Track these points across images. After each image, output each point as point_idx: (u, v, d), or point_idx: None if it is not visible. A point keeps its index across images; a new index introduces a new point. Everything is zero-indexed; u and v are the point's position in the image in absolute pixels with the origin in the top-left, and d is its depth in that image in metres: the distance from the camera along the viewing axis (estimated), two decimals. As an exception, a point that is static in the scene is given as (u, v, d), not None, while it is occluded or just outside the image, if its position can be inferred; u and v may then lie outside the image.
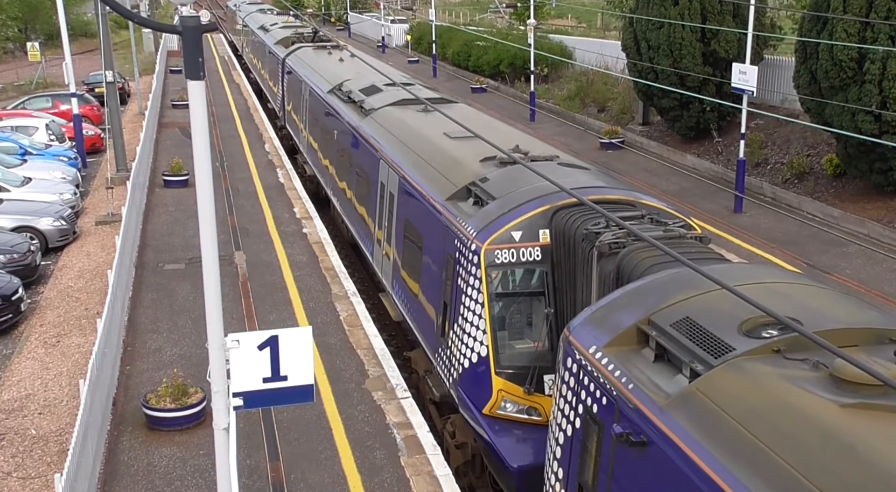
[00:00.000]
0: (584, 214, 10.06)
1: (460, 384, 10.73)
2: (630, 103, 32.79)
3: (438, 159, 13.45)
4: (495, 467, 10.36)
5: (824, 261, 18.55)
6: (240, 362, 6.11)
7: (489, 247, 10.38)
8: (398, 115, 16.76)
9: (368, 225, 16.34)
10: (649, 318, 7.19)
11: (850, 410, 5.39)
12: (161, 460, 10.99)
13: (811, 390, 5.65)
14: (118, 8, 6.27)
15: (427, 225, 12.54)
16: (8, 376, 13.88)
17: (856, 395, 5.53)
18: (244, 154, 28.44)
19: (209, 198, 5.88)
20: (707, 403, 6.03)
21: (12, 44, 59.74)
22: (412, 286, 13.16)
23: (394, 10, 71.63)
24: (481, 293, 10.38)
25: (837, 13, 20.23)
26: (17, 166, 24.39)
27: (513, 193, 10.99)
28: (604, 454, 6.98)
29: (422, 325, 12.60)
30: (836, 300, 7.26)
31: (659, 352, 6.93)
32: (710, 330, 6.63)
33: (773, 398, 5.73)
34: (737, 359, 6.22)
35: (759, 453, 5.40)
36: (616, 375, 6.88)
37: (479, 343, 10.37)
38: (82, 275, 18.38)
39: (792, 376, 5.88)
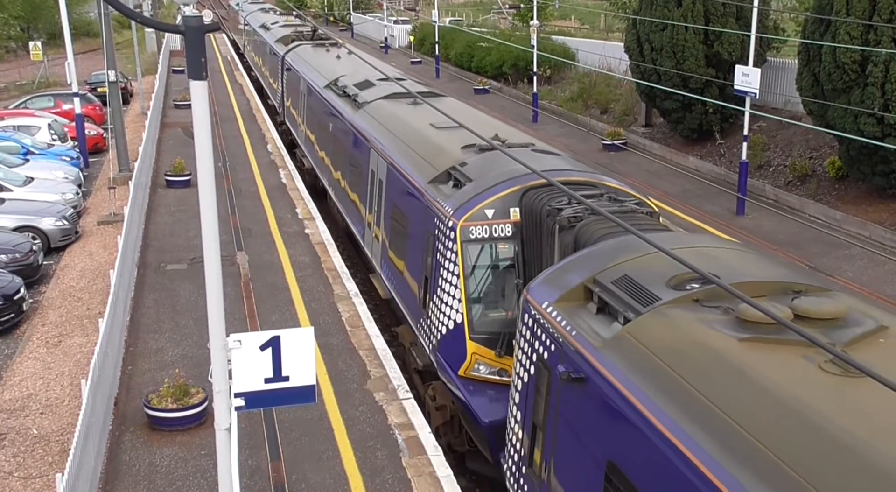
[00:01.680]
0: (550, 193, 11.03)
1: (439, 350, 11.71)
2: (633, 105, 32.79)
3: (423, 147, 14.43)
4: (470, 423, 11.36)
5: (826, 263, 18.53)
6: (242, 363, 6.11)
7: (464, 223, 11.39)
8: (389, 107, 17.65)
9: (360, 210, 17.27)
10: (594, 277, 8.28)
11: (746, 343, 6.56)
12: (162, 461, 10.98)
13: (718, 329, 6.80)
14: (121, 7, 6.26)
15: (411, 207, 13.51)
16: (10, 376, 13.88)
17: (753, 331, 6.63)
18: (246, 154, 28.45)
19: (211, 198, 5.88)
20: (635, 343, 7.13)
21: (15, 43, 59.79)
22: (398, 264, 14.17)
23: (397, 11, 71.67)
24: (457, 266, 11.38)
25: (840, 15, 20.21)
26: (19, 166, 24.40)
27: (488, 175, 11.99)
28: (552, 394, 8.06)
29: (406, 299, 13.59)
30: (755, 260, 8.51)
31: (601, 305, 8.02)
32: (643, 285, 7.73)
33: (688, 336, 6.88)
34: (662, 307, 7.32)
35: (673, 381, 6.49)
36: (563, 324, 7.99)
37: (455, 311, 11.36)
38: (84, 275, 18.38)
39: (705, 319, 7.02)
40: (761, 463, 5.34)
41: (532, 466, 8.47)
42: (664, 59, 26.87)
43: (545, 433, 8.18)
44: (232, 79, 46.66)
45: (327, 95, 21.98)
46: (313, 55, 28.45)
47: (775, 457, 5.32)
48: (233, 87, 43.82)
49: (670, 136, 29.70)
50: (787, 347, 6.39)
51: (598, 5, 58.20)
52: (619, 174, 24.81)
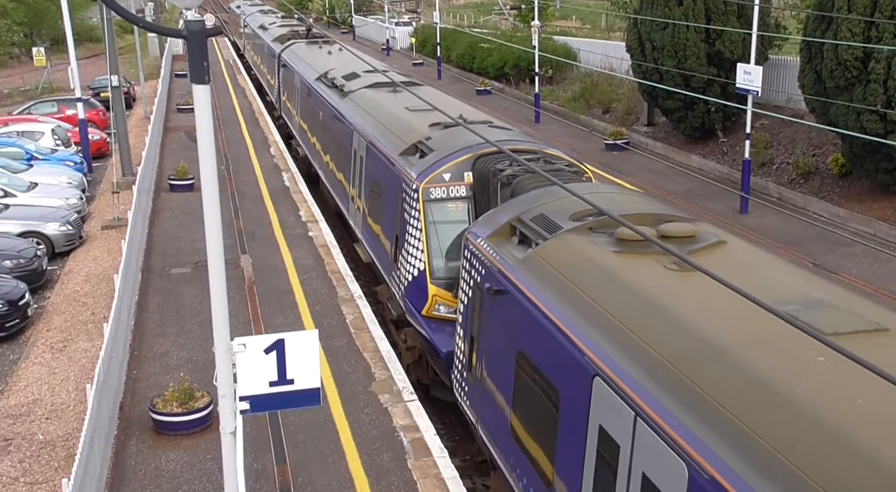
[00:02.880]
0: (498, 159, 13.13)
1: (406, 295, 13.67)
2: (635, 104, 32.76)
3: (397, 126, 16.42)
4: (433, 356, 13.16)
5: (830, 261, 18.49)
6: (246, 366, 6.11)
7: (425, 185, 13.45)
8: (371, 95, 19.63)
9: (345, 186, 19.39)
10: (518, 217, 10.27)
11: (618, 254, 8.63)
12: (168, 465, 10.99)
13: (601, 247, 8.88)
14: (123, 12, 6.28)
15: (384, 176, 15.51)
16: (15, 381, 13.90)
17: (626, 247, 8.67)
18: (249, 158, 28.49)
19: (215, 202, 5.88)
20: (541, 261, 9.15)
21: (18, 49, 59.90)
22: (375, 228, 16.22)
23: (398, 13, 71.70)
24: (420, 222, 13.44)
25: (842, 13, 20.18)
26: (23, 171, 24.45)
27: (447, 146, 14.02)
28: (482, 307, 10.12)
29: (381, 258, 15.60)
30: (644, 201, 11.02)
31: (521, 237, 10.00)
32: (552, 219, 9.76)
33: (578, 253, 8.95)
34: (563, 233, 9.39)
35: (566, 285, 8.50)
36: (491, 253, 10.06)
37: (419, 260, 13.40)
38: (89, 279, 18.41)
39: (594, 241, 9.09)
40: (616, 333, 7.38)
41: (471, 370, 10.56)
42: (666, 58, 26.85)
43: (479, 340, 10.30)
44: (234, 82, 46.71)
45: (318, 87, 23.82)
46: (307, 52, 30.10)
47: (626, 328, 7.33)
48: (235, 90, 43.86)
49: (673, 135, 29.68)
50: (647, 256, 8.46)
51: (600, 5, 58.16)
52: (621, 174, 24.84)
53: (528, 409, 8.65)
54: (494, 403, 9.63)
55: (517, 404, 8.92)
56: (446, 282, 13.01)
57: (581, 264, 8.67)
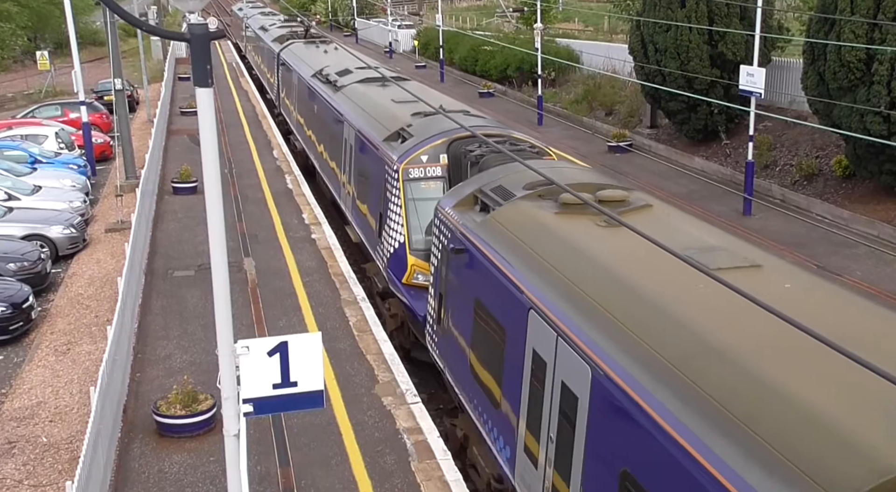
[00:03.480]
0: (470, 142, 14.63)
1: (389, 266, 15.28)
2: (638, 106, 32.75)
3: (382, 116, 17.89)
4: (412, 320, 14.58)
5: (834, 262, 18.46)
6: (250, 369, 6.11)
7: (405, 166, 15.00)
8: (361, 89, 21.18)
9: (337, 174, 21.00)
10: (480, 188, 11.66)
11: (557, 214, 10.12)
12: (172, 467, 11.00)
13: (546, 210, 10.30)
14: (127, 16, 6.29)
15: (370, 161, 17.08)
16: (19, 384, 13.92)
17: (566, 209, 10.10)
18: (253, 160, 28.52)
19: (218, 204, 5.89)
20: (495, 223, 10.56)
21: (22, 53, 60.06)
22: (362, 209, 17.84)
23: (401, 16, 71.75)
24: (400, 199, 14.96)
25: (845, 14, 20.17)
26: (27, 175, 24.50)
27: (425, 132, 15.58)
28: (448, 267, 11.65)
29: (368, 236, 17.18)
30: (591, 174, 13.08)
31: (482, 205, 11.35)
32: (508, 189, 11.14)
33: (526, 215, 10.34)
34: (515, 200, 10.77)
35: (513, 240, 9.93)
36: (455, 218, 11.53)
37: (399, 234, 14.91)
38: (92, 282, 18.44)
39: (541, 205, 10.53)
40: (549, 276, 8.84)
41: (440, 323, 11.97)
42: (668, 60, 26.84)
43: (445, 296, 11.75)
44: (237, 85, 46.78)
45: (313, 83, 25.41)
46: (304, 51, 31.63)
47: (559, 272, 8.78)
48: (238, 93, 43.92)
49: (676, 137, 29.66)
50: (584, 216, 9.92)
51: (602, 7, 58.17)
52: (624, 175, 24.81)
53: (483, 347, 10.29)
54: (458, 348, 11.16)
55: (475, 345, 10.52)
56: (424, 253, 14.15)
57: (528, 224, 10.15)
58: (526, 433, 8.75)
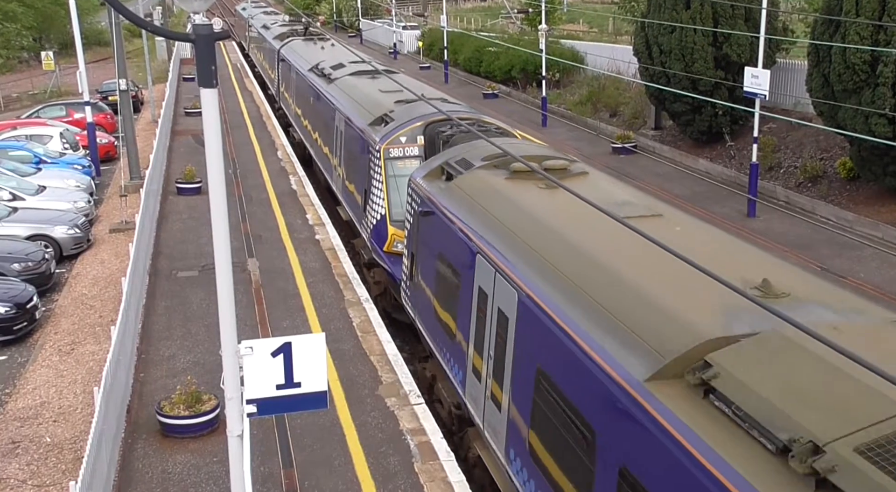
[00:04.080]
0: (443, 124, 16.42)
1: (372, 236, 17.20)
2: (642, 108, 32.72)
3: (369, 103, 19.71)
4: (392, 284, 16.08)
5: (838, 264, 18.43)
6: (253, 369, 6.12)
7: (386, 146, 16.88)
8: (352, 80, 23.04)
9: (329, 158, 22.85)
10: (446, 160, 13.29)
11: (507, 179, 11.78)
12: (175, 468, 11.01)
13: (499, 176, 11.96)
14: (132, 17, 6.30)
15: (357, 144, 18.92)
16: (23, 384, 13.94)
17: (515, 176, 11.76)
18: (257, 161, 28.54)
19: (222, 205, 5.89)
20: (457, 188, 12.25)
21: (27, 53, 60.18)
22: (350, 188, 19.62)
23: (405, 17, 71.76)
24: (381, 176, 16.83)
25: (850, 16, 20.13)
26: (31, 175, 24.54)
27: (405, 116, 17.43)
28: (417, 228, 13.38)
29: (355, 212, 18.94)
30: (542, 149, 14.80)
31: (447, 175, 12.93)
32: (469, 160, 12.86)
33: (482, 181, 12.04)
34: (474, 169, 12.48)
35: (469, 201, 11.66)
36: (425, 187, 13.21)
37: (381, 207, 16.74)
38: (96, 283, 18.46)
39: (495, 173, 12.18)
40: (495, 227, 10.58)
41: (412, 278, 13.72)
42: (673, 61, 26.82)
43: (416, 254, 13.46)
44: (242, 86, 46.81)
45: (309, 76, 27.22)
46: (303, 47, 33.42)
47: (502, 224, 10.50)
48: (243, 94, 43.96)
49: (680, 138, 29.63)
50: (529, 181, 11.59)
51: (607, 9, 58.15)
52: (628, 177, 24.78)
53: (444, 293, 12.01)
54: (425, 297, 12.89)
55: (437, 293, 12.29)
56: (402, 224, 15.27)
57: (482, 188, 11.84)
58: (473, 355, 10.68)
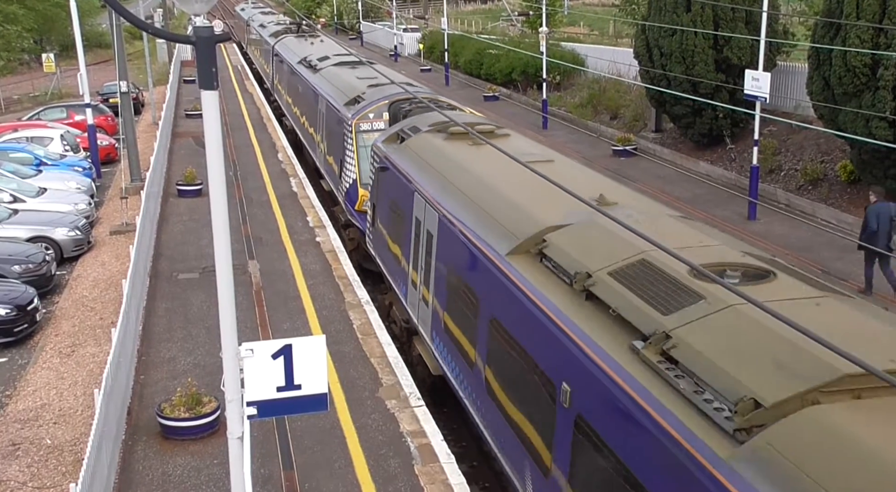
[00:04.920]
0: (406, 102, 18.88)
1: (346, 198, 20.31)
2: (643, 110, 32.73)
3: (346, 88, 22.79)
4: (363, 239, 18.47)
5: (839, 267, 18.43)
6: (254, 371, 6.12)
7: (356, 121, 19.95)
8: (335, 70, 26.24)
9: (314, 137, 26.15)
10: (402, 128, 16.31)
11: (445, 139, 14.43)
12: (175, 470, 11.00)
13: (441, 138, 14.62)
14: (132, 19, 6.31)
15: (334, 122, 22.03)
16: (23, 386, 13.94)
17: (452, 137, 14.45)
18: (257, 163, 28.55)
19: (223, 207, 5.90)
20: (407, 149, 14.95)
21: (28, 55, 60.21)
22: (330, 160, 22.92)
23: (406, 20, 71.82)
24: (353, 146, 19.87)
25: (850, 19, 20.14)
26: (32, 177, 24.55)
27: (374, 96, 20.43)
28: (377, 182, 16.48)
29: (333, 179, 22.15)
30: (477, 118, 18.42)
31: (400, 139, 15.80)
32: (419, 126, 15.70)
33: (426, 142, 14.73)
34: (421, 133, 15.26)
35: (414, 156, 14.37)
36: (383, 149, 16.04)
37: (353, 173, 19.84)
38: (97, 284, 18.46)
39: (437, 136, 14.83)
40: (431, 173, 13.28)
41: (373, 224, 16.77)
42: (674, 64, 26.83)
43: (376, 204, 16.51)
44: (242, 88, 46.85)
45: (298, 68, 30.35)
46: (295, 43, 36.55)
47: (437, 171, 13.20)
48: (243, 96, 43.99)
49: (681, 141, 29.64)
50: (462, 141, 14.26)
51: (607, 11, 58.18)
52: (629, 180, 24.79)
53: (393, 228, 15.10)
54: (382, 237, 15.95)
55: (390, 231, 15.33)
56: (370, 186, 17.57)
57: (425, 146, 14.65)
58: (411, 271, 13.76)
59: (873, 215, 16.69)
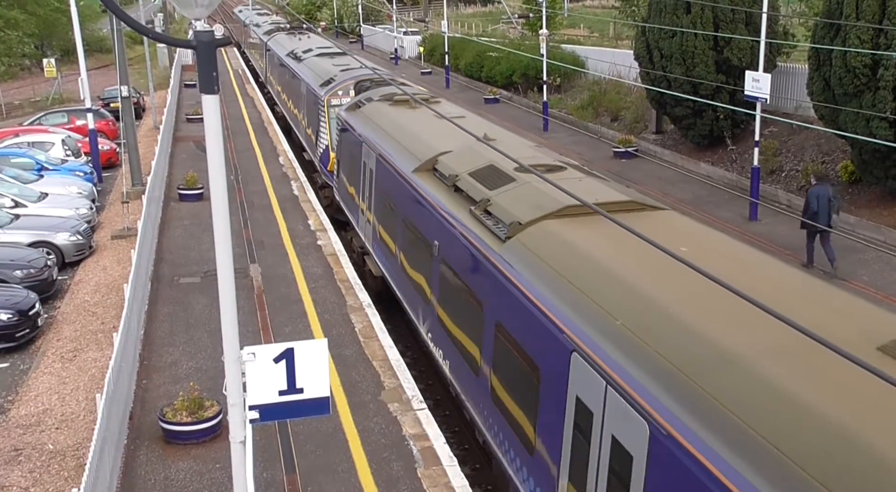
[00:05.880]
0: (368, 82, 23.11)
1: (320, 160, 25.17)
2: (643, 112, 32.73)
3: (322, 72, 27.59)
4: (335, 196, 22.31)
5: (842, 268, 18.40)
6: (256, 375, 6.12)
7: (328, 97, 24.43)
8: (315, 59, 30.89)
9: (298, 117, 31.13)
10: (359, 98, 20.55)
11: (390, 105, 18.87)
12: (178, 474, 10.99)
13: (385, 105, 18.99)
14: (133, 24, 6.31)
15: (312, 100, 26.83)
16: (25, 391, 13.94)
17: (396, 104, 18.93)
18: (258, 167, 28.57)
19: (224, 211, 5.89)
20: (361, 113, 19.21)
21: (29, 60, 60.32)
22: (309, 133, 27.61)
23: (406, 23, 71.87)
24: (325, 118, 24.33)
25: (850, 20, 20.14)
26: (33, 182, 24.57)
27: (343, 77, 25.32)
28: (340, 141, 21.10)
29: (311, 148, 26.90)
30: (420, 90, 24.04)
31: (357, 107, 19.81)
32: (372, 97, 19.91)
33: (375, 107, 19.00)
34: (373, 102, 19.43)
35: (365, 117, 18.85)
36: (344, 115, 20.26)
37: (325, 140, 24.38)
38: (98, 289, 18.47)
39: (384, 103, 19.10)
40: (375, 129, 17.50)
41: (338, 176, 21.03)
42: (674, 65, 26.83)
43: (339, 159, 20.94)
44: (243, 92, 46.89)
45: (286, 60, 35.45)
46: (285, 39, 41.54)
47: (381, 128, 17.31)
48: (244, 99, 44.03)
49: (681, 142, 29.63)
50: (403, 106, 18.39)
51: (607, 13, 58.18)
52: (630, 181, 24.78)
53: (351, 176, 19.18)
54: (345, 185, 20.10)
55: (348, 178, 19.52)
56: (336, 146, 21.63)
57: (374, 111, 18.70)
58: (361, 203, 18.07)
59: (813, 197, 18.42)
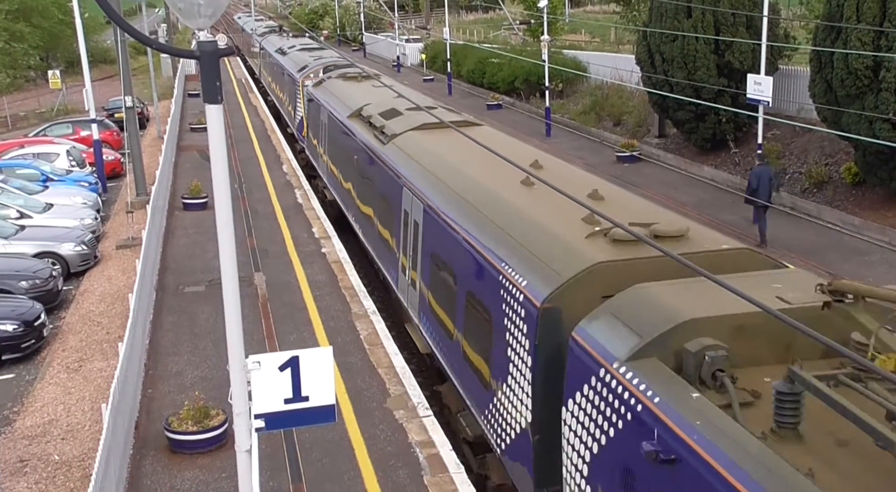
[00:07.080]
0: (332, 66, 29.86)
1: (297, 128, 32.36)
2: (646, 116, 32.74)
3: (300, 62, 33.78)
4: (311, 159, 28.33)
5: (846, 269, 18.37)
6: (261, 384, 6.12)
7: (302, 80, 30.67)
8: (297, 53, 37.54)
9: (282, 99, 38.28)
10: (322, 77, 27.94)
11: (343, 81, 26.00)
12: (184, 484, 10.99)
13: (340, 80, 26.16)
14: (137, 35, 6.34)
15: (292, 86, 33.29)
16: (31, 402, 13.96)
17: (351, 80, 25.72)
18: (262, 175, 28.62)
19: (228, 220, 5.91)
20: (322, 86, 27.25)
21: (34, 72, 60.56)
22: (289, 109, 34.23)
23: (408, 30, 72.00)
24: (301, 96, 30.53)
25: (851, 22, 20.14)
26: (38, 193, 24.64)
27: (315, 64, 31.64)
28: (307, 109, 28.90)
29: (291, 121, 33.76)
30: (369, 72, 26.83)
31: (320, 82, 27.96)
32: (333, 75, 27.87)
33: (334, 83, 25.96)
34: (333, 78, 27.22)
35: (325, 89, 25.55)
36: (310, 89, 28.64)
37: (300, 113, 30.69)
38: (103, 299, 18.50)
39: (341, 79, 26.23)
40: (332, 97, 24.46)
41: (308, 136, 28.66)
42: (676, 69, 26.85)
43: (307, 123, 28.67)
44: (247, 100, 47.01)
45: (275, 55, 42.50)
46: (275, 39, 48.91)
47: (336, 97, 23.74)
48: (247, 108, 44.13)
49: (684, 146, 29.63)
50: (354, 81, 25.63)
51: (609, 18, 58.26)
52: (634, 186, 24.76)
53: (314, 132, 26.10)
54: (311, 140, 26.88)
55: (313, 134, 26.21)
56: None
57: (332, 85, 24.98)
58: (321, 151, 24.44)
59: (755, 176, 20.23)
